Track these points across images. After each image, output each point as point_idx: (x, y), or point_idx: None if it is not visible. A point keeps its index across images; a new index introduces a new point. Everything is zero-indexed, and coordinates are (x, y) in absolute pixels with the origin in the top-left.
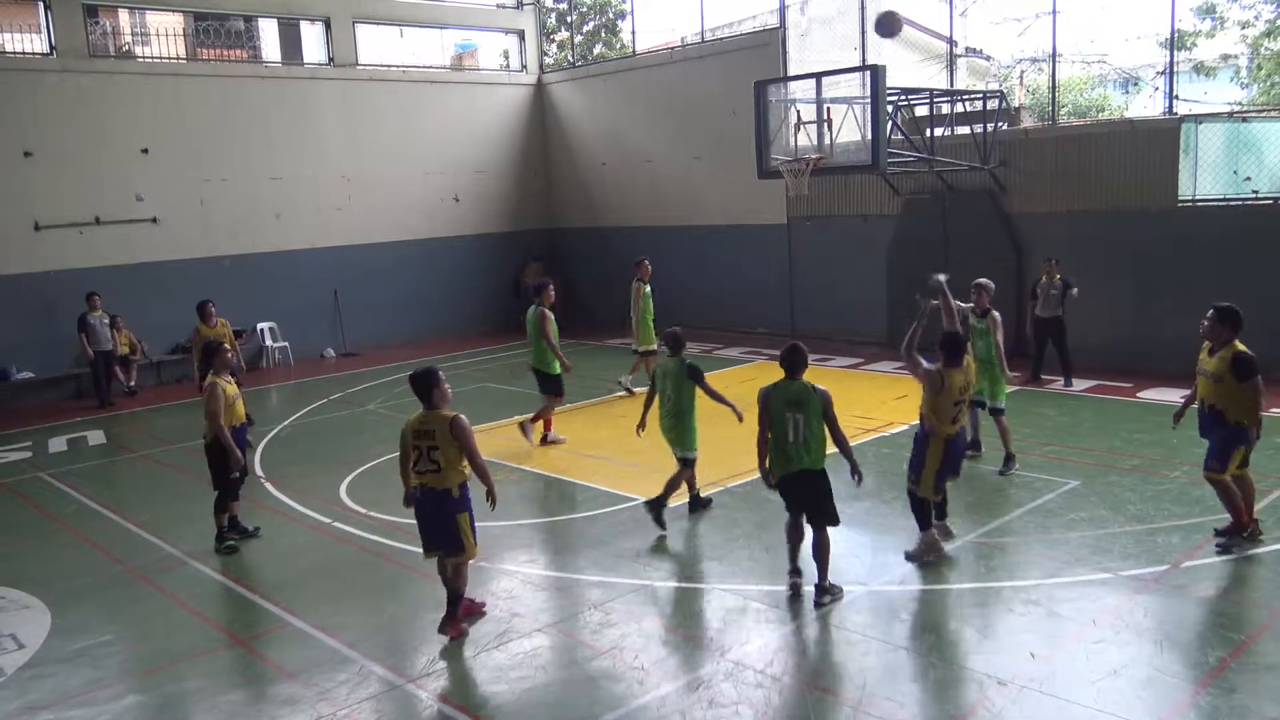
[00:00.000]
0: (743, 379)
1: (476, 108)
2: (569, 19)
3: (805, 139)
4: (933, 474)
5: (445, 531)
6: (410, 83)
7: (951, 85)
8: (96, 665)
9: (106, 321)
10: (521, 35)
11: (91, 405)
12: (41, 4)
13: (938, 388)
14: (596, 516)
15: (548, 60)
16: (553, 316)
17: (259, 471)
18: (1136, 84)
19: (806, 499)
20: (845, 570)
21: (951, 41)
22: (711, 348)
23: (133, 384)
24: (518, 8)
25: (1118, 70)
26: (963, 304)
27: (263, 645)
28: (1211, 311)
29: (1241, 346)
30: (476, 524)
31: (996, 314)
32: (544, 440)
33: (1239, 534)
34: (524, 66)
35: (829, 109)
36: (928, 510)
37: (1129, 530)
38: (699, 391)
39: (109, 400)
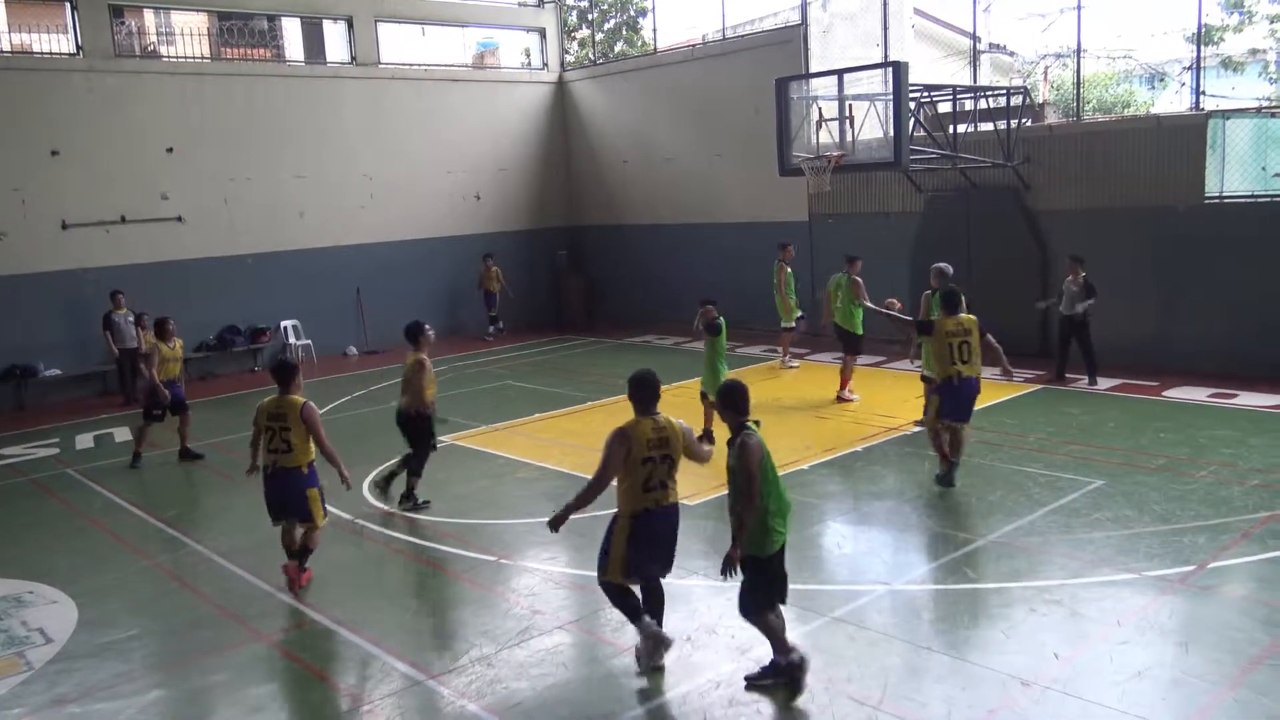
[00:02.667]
0: (765, 376)
1: (498, 106)
2: (590, 17)
3: (827, 136)
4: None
5: (296, 503)
6: (432, 81)
7: (975, 81)
8: (123, 659)
9: (131, 319)
10: (543, 33)
11: (117, 402)
12: (68, 4)
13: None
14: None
15: (569, 58)
16: (861, 282)
17: None
18: (1163, 79)
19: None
20: (866, 569)
21: (975, 37)
22: (733, 345)
23: None
24: (539, 6)
25: (1144, 65)
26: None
27: (286, 641)
28: None
29: None
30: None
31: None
32: (839, 399)
33: None
34: (545, 65)
35: (851, 106)
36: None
37: (1154, 530)
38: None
39: (134, 397)
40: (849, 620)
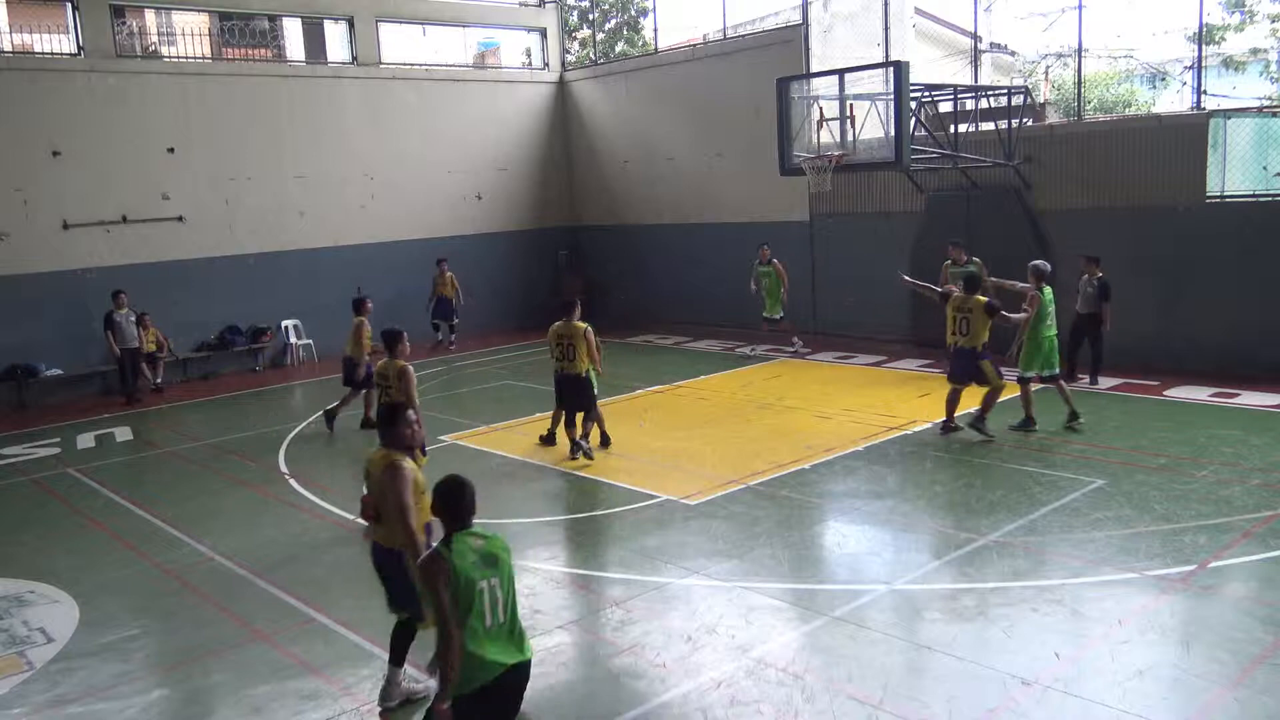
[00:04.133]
0: (766, 375)
1: (499, 106)
2: (591, 17)
3: (828, 136)
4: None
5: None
6: (433, 81)
7: (976, 81)
8: (124, 659)
9: (133, 319)
10: (544, 33)
11: (119, 402)
12: (69, 4)
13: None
14: (617, 514)
15: (570, 58)
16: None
17: (284, 469)
18: (1164, 79)
19: None
20: (867, 569)
21: (976, 37)
22: (734, 345)
23: (159, 381)
24: (540, 6)
25: (1145, 65)
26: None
27: (287, 640)
28: None
29: None
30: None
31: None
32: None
33: None
34: (546, 64)
35: (852, 105)
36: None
37: (1155, 530)
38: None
39: (136, 397)
40: (850, 620)
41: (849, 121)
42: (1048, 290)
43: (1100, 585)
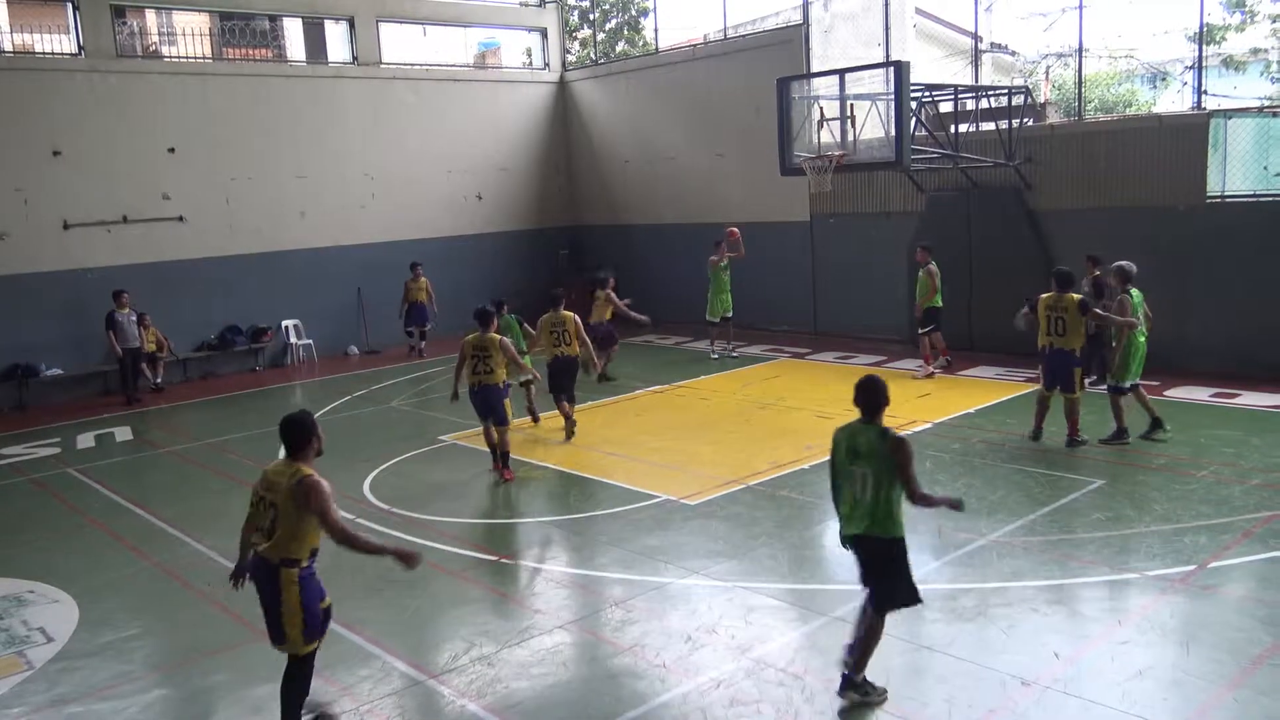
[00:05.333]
0: (765, 376)
1: (499, 106)
2: (591, 17)
3: (828, 136)
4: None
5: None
6: (433, 81)
7: (976, 81)
8: (124, 659)
9: (134, 319)
10: (544, 33)
11: (119, 402)
12: (69, 4)
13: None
14: (617, 514)
15: (570, 58)
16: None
17: None
18: (1165, 79)
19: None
20: None
21: (976, 37)
22: (734, 345)
23: (159, 381)
24: (540, 6)
25: (1146, 65)
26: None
27: None
28: None
29: None
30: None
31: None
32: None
33: None
34: (547, 64)
35: (852, 105)
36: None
37: (1155, 530)
38: None
39: (136, 397)
40: (849, 619)
41: (849, 121)
42: (1136, 293)
43: (1100, 585)
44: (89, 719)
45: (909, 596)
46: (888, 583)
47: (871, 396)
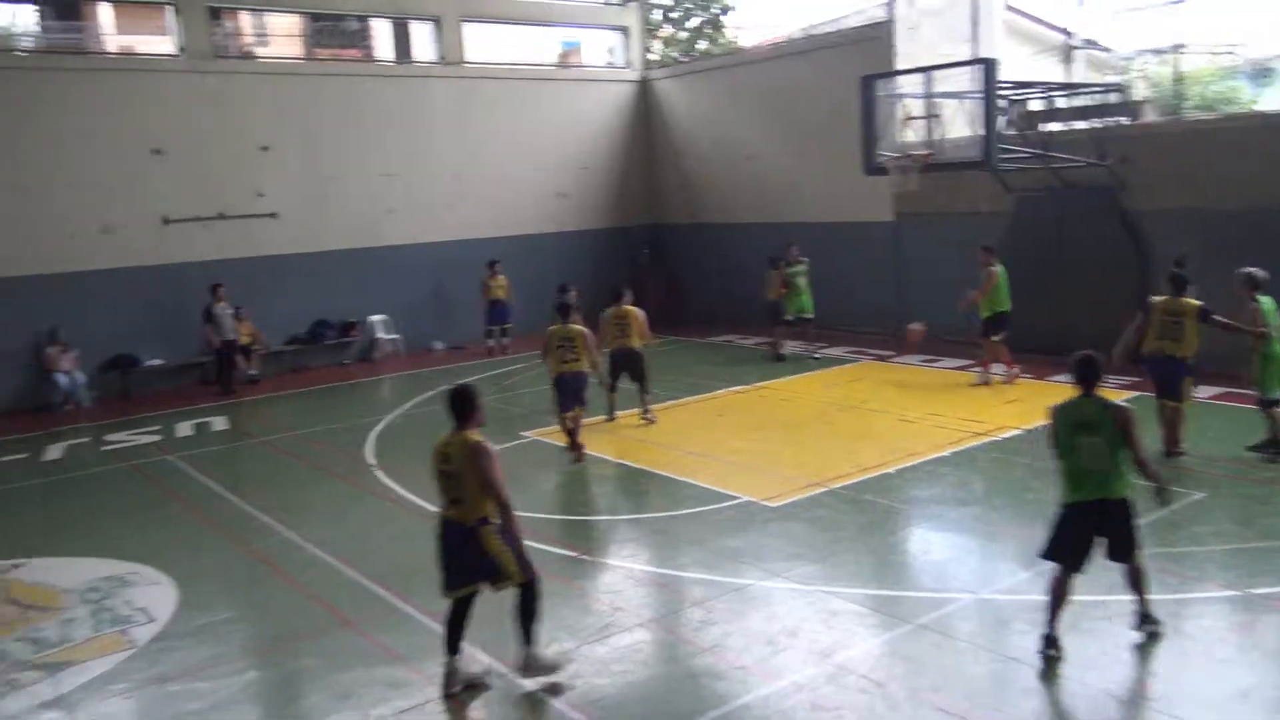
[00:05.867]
0: (848, 378)
1: (581, 105)
2: (673, 15)
3: (913, 135)
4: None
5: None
6: (517, 80)
7: (1068, 78)
8: (220, 641)
9: (230, 312)
10: (626, 32)
11: (215, 392)
12: (170, 8)
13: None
14: (698, 514)
15: (652, 57)
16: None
17: (370, 460)
18: (1268, 75)
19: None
20: (953, 577)
21: (1068, 33)
22: (816, 346)
23: (253, 372)
24: (622, 5)
25: (1249, 61)
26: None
27: (373, 628)
28: None
29: None
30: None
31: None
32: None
33: None
34: (628, 63)
35: (938, 104)
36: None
37: (1260, 546)
38: None
39: (231, 388)
40: (934, 628)
41: (935, 120)
42: (1266, 300)
43: (1200, 602)
44: (188, 698)
45: (1139, 543)
46: (1127, 532)
47: (1090, 370)
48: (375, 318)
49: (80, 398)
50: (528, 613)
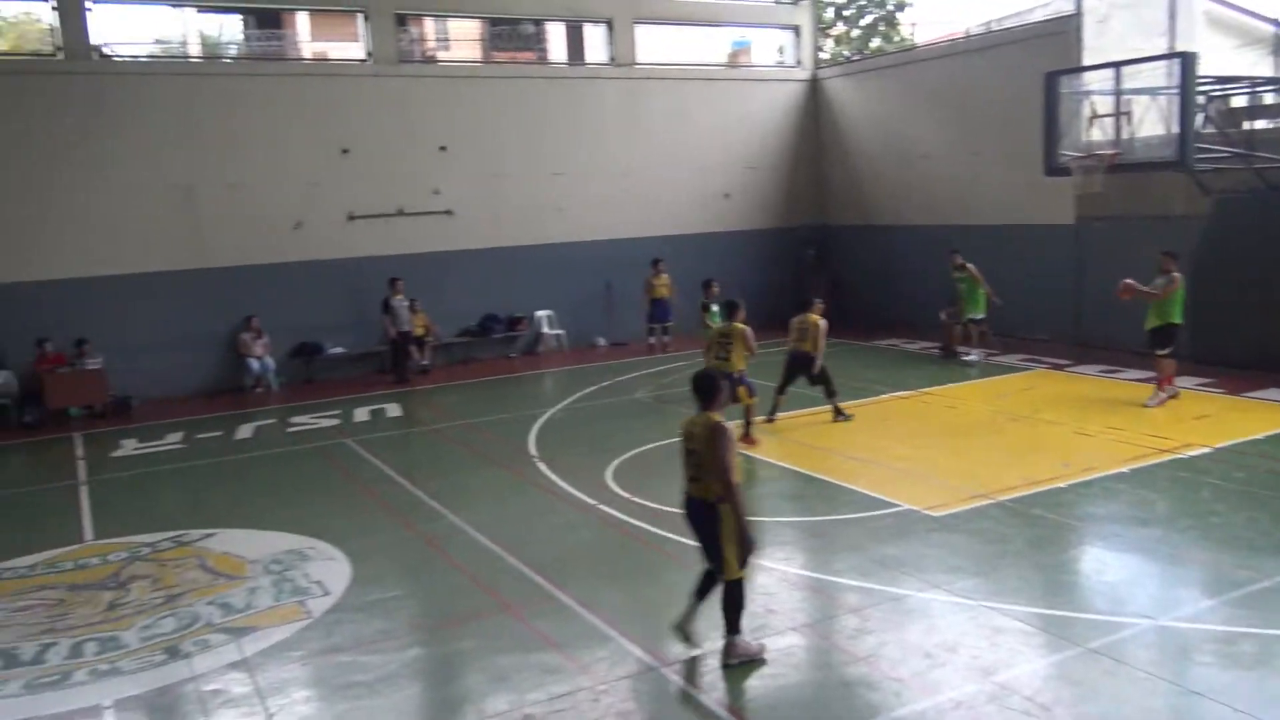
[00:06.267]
0: (1020, 387)
1: (750, 104)
2: (846, 13)
3: (1099, 133)
4: None
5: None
6: (686, 80)
7: (1278, 72)
8: (388, 617)
9: (406, 304)
10: (797, 31)
11: (390, 381)
12: (360, 15)
13: None
14: (856, 520)
15: (823, 55)
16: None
17: (533, 451)
18: None
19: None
20: (1129, 600)
21: (1277, 24)
22: (986, 353)
23: (426, 363)
24: (794, 3)
25: None
26: None
27: (530, 615)
28: None
29: None
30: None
31: None
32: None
33: None
34: (799, 62)
35: (1129, 101)
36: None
37: None
38: None
39: (405, 377)
40: (1107, 653)
41: (1124, 118)
42: None
43: None
44: (357, 669)
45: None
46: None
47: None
48: (541, 313)
49: (270, 382)
50: (732, 604)
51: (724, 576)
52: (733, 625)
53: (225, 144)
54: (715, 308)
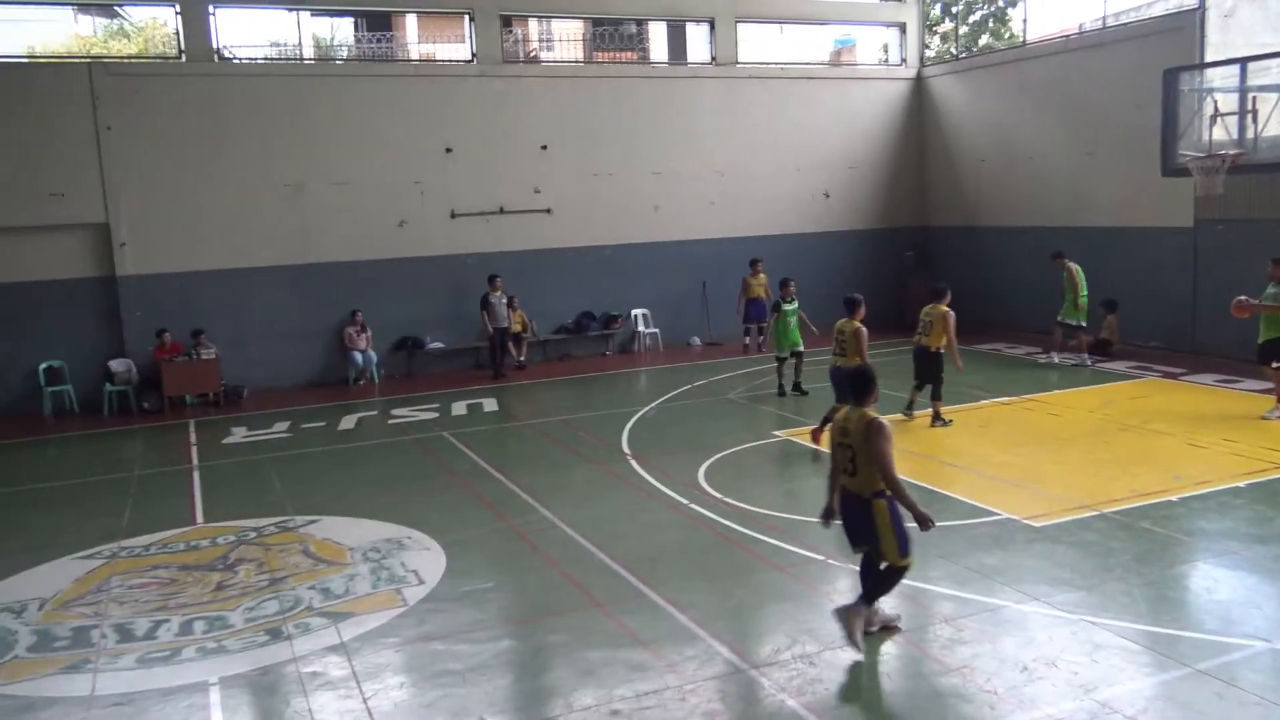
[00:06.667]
0: (1130, 395)
1: (851, 103)
2: (955, 10)
3: (1222, 132)
4: None
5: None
6: (787, 79)
7: None
8: (480, 608)
9: (504, 301)
10: (903, 28)
11: (487, 376)
12: (467, 17)
13: None
14: (953, 527)
15: (929, 53)
16: None
17: (625, 449)
18: None
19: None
20: (1242, 621)
21: None
22: (1094, 360)
23: (522, 359)
24: (900, 0)
25: None
26: None
27: (620, 611)
28: None
29: None
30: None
31: None
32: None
33: None
34: (904, 60)
35: (1255, 98)
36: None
37: None
38: None
39: (502, 372)
40: (1217, 675)
41: (1249, 116)
42: None
43: None
44: (449, 658)
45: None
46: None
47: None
48: (637, 311)
49: (372, 374)
50: (883, 583)
51: (888, 561)
52: (870, 596)
53: (334, 143)
54: (788, 306)
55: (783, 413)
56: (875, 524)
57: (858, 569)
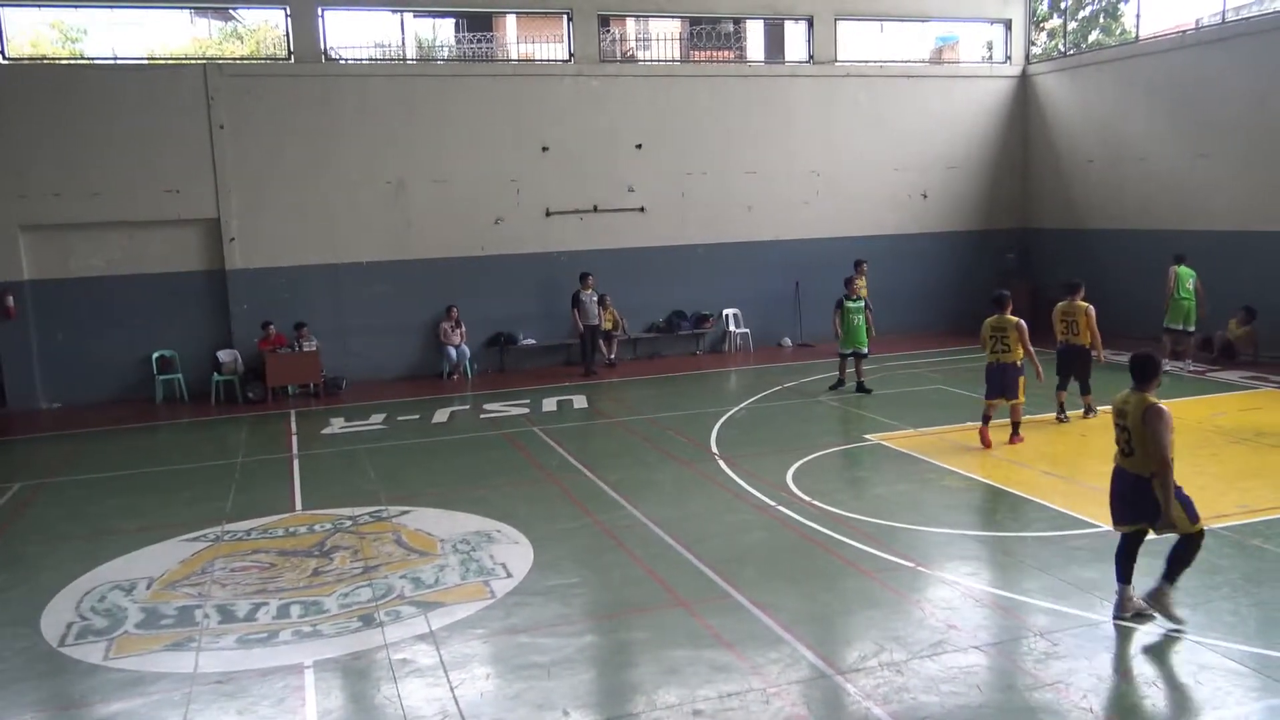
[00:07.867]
0: (1243, 407)
1: (952, 102)
2: (1063, 5)
3: None
4: None
5: (1009, 384)
6: (886, 78)
7: None
8: (565, 603)
9: (596, 299)
10: (1008, 25)
11: (577, 373)
12: (565, 17)
13: None
14: (1050, 538)
15: (1035, 50)
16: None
17: (714, 449)
18: None
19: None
20: None
21: None
22: (1204, 369)
23: (613, 357)
24: None
25: None
26: None
27: (704, 611)
28: None
29: None
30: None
31: None
32: None
33: None
34: (1008, 58)
35: None
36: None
37: None
38: None
39: (592, 369)
40: None
41: None
42: None
43: None
44: (534, 651)
45: None
46: None
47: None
48: (728, 311)
49: (466, 369)
50: (1182, 558)
51: (1182, 529)
52: (1172, 574)
53: (434, 141)
54: (850, 304)
55: (876, 416)
56: (1156, 497)
57: (1114, 552)
